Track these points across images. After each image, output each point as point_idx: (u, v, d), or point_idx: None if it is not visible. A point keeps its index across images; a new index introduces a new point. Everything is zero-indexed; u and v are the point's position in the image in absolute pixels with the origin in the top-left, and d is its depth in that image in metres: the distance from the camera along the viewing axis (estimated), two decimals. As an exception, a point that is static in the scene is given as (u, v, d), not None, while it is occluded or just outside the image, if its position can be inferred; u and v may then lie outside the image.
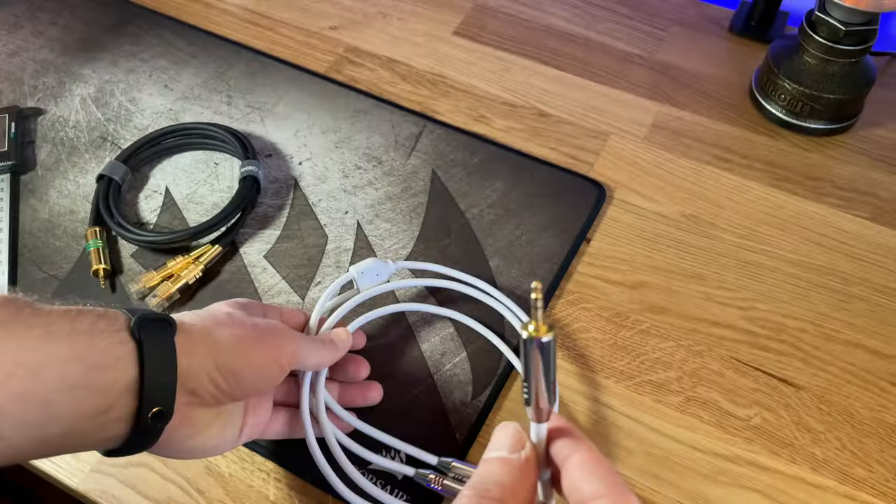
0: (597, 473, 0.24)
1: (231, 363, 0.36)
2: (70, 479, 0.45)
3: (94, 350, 0.31)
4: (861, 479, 0.45)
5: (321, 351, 0.42)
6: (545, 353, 0.23)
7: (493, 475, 0.24)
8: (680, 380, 0.49)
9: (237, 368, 0.36)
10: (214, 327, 0.37)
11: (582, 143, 0.63)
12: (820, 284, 0.54)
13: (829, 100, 0.60)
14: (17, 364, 0.29)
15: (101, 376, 0.31)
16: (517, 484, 0.24)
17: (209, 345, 0.36)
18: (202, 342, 0.35)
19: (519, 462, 0.25)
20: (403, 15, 0.74)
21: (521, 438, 0.25)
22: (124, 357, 0.32)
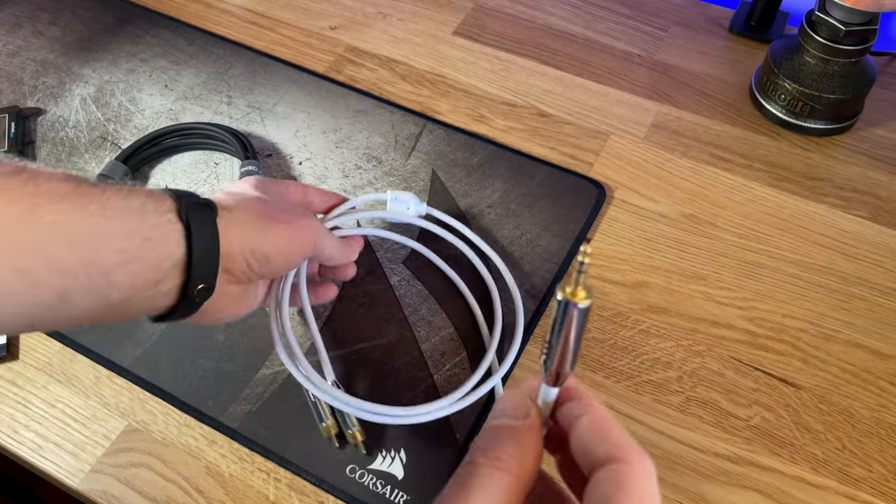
0: (609, 437, 0.23)
1: (264, 247, 0.39)
2: (70, 478, 0.45)
3: (146, 227, 0.33)
4: (861, 478, 0.45)
5: (337, 247, 0.46)
6: (579, 318, 0.22)
7: (502, 443, 0.24)
8: (680, 380, 0.49)
9: (269, 252, 0.39)
10: (250, 212, 0.40)
11: (582, 142, 0.63)
12: (820, 284, 0.54)
13: (829, 100, 0.60)
14: (82, 236, 0.31)
15: (153, 252, 0.34)
16: (527, 452, 0.24)
17: (246, 230, 0.39)
18: (240, 227, 0.38)
19: (526, 429, 0.24)
20: (403, 15, 0.74)
21: (527, 405, 0.25)
22: (173, 236, 0.35)
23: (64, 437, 0.47)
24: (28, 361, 0.50)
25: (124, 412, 0.48)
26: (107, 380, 0.49)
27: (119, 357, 0.50)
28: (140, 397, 0.48)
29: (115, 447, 0.46)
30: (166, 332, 0.51)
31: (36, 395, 0.48)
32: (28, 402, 0.48)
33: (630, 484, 0.21)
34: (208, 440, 0.46)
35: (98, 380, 0.49)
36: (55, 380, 0.49)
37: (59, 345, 0.50)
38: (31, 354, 0.50)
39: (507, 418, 0.24)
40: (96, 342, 0.50)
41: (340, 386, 0.45)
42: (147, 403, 0.48)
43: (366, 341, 0.50)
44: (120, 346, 0.50)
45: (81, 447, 0.46)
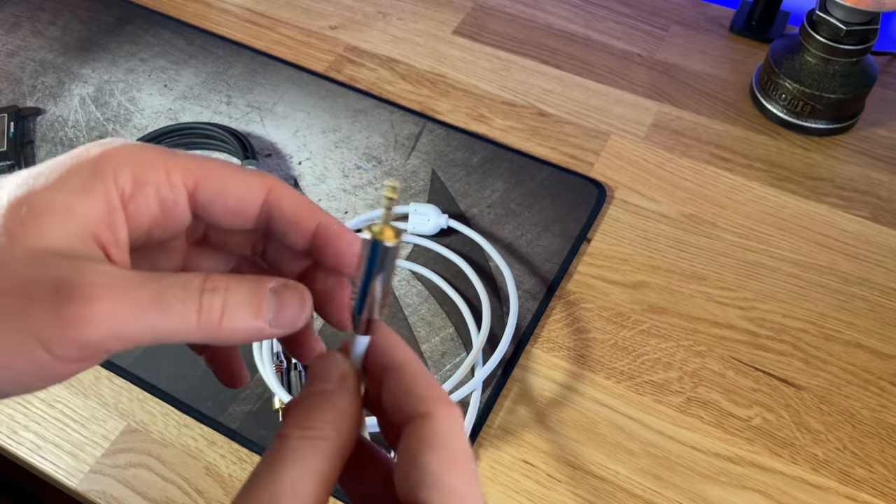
0: (414, 390, 0.21)
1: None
2: (69, 479, 0.45)
3: None
4: (862, 479, 0.45)
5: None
6: (388, 258, 0.22)
7: (314, 411, 0.22)
8: (680, 380, 0.49)
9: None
10: None
11: (582, 142, 0.62)
12: (820, 284, 0.53)
13: (829, 99, 0.60)
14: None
15: None
16: (342, 417, 0.22)
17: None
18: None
19: (340, 392, 0.22)
20: (403, 14, 0.74)
21: (342, 367, 0.23)
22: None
23: (63, 437, 0.47)
24: (27, 362, 0.50)
25: (123, 412, 0.48)
26: (106, 380, 0.49)
27: (118, 357, 0.50)
28: (139, 397, 0.48)
29: (114, 447, 0.46)
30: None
31: (35, 395, 0.48)
32: (27, 403, 0.48)
33: (433, 438, 0.20)
34: (208, 440, 0.46)
35: (97, 380, 0.49)
36: (54, 380, 0.49)
37: (59, 345, 0.50)
38: (30, 355, 0.50)
39: (321, 382, 0.22)
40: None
41: None
42: (146, 404, 0.48)
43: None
44: (119, 346, 0.50)
45: (80, 447, 0.46)
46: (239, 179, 0.24)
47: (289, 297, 0.23)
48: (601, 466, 0.45)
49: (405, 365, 0.22)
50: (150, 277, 0.21)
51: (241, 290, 0.22)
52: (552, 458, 0.45)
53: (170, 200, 0.23)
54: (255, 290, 0.23)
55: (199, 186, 0.24)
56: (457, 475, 0.19)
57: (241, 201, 0.24)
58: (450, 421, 0.21)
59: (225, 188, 0.24)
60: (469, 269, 0.53)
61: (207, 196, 0.24)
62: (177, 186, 0.23)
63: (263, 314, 0.22)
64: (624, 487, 0.44)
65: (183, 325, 0.21)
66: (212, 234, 0.27)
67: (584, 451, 0.46)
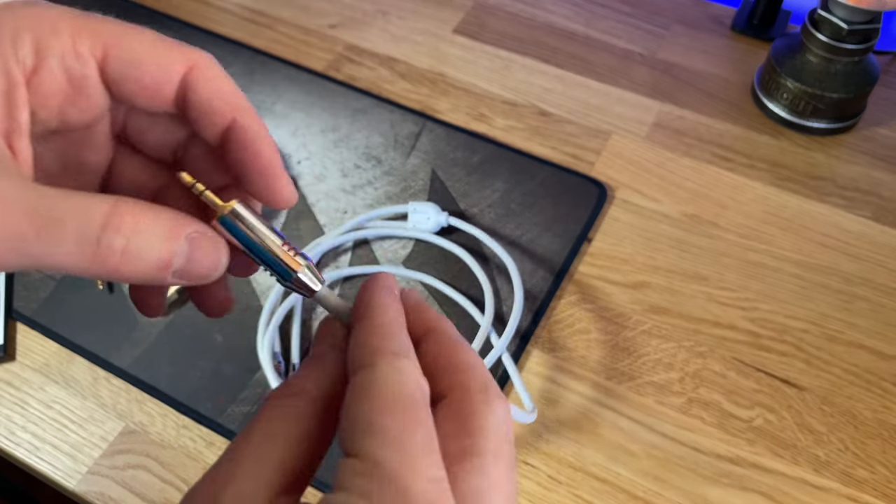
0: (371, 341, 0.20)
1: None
2: (67, 480, 0.45)
3: None
4: (864, 480, 0.44)
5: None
6: (243, 222, 0.21)
7: (293, 379, 0.21)
8: (682, 381, 0.48)
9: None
10: None
11: (583, 142, 0.62)
12: (822, 285, 0.53)
13: (831, 99, 0.60)
14: None
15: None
16: (322, 370, 0.21)
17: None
18: None
19: (324, 348, 0.22)
20: (403, 13, 0.74)
21: (331, 329, 0.22)
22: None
23: (61, 438, 0.46)
24: (25, 362, 0.50)
25: (122, 413, 0.47)
26: (104, 381, 0.49)
27: (117, 358, 0.49)
28: (138, 398, 0.48)
29: (112, 449, 0.46)
30: (165, 334, 0.51)
31: (33, 395, 0.48)
32: (25, 403, 0.48)
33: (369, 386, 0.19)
34: (207, 442, 0.46)
35: (96, 381, 0.49)
36: (52, 381, 0.49)
37: (57, 346, 0.50)
38: (28, 355, 0.50)
39: (314, 349, 0.22)
40: (94, 343, 0.50)
41: None
42: (145, 405, 0.48)
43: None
44: (118, 346, 0.50)
45: (79, 448, 0.46)
46: (156, 51, 0.21)
47: (203, 250, 0.20)
48: (602, 468, 0.45)
49: (370, 315, 0.21)
50: (45, 198, 0.18)
51: (151, 233, 0.19)
52: (553, 459, 0.45)
53: (78, 72, 0.20)
54: (168, 235, 0.19)
55: (109, 56, 0.20)
56: (392, 418, 0.18)
57: (156, 77, 0.21)
58: (391, 369, 0.19)
59: (139, 61, 0.20)
60: (472, 260, 0.52)
61: (119, 69, 0.20)
62: (84, 56, 0.20)
63: (170, 265, 0.20)
64: (625, 489, 0.44)
65: (70, 262, 0.18)
66: (132, 125, 0.23)
67: (584, 452, 0.45)
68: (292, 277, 0.22)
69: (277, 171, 0.22)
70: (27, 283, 0.53)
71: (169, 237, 0.19)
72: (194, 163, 0.23)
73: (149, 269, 0.19)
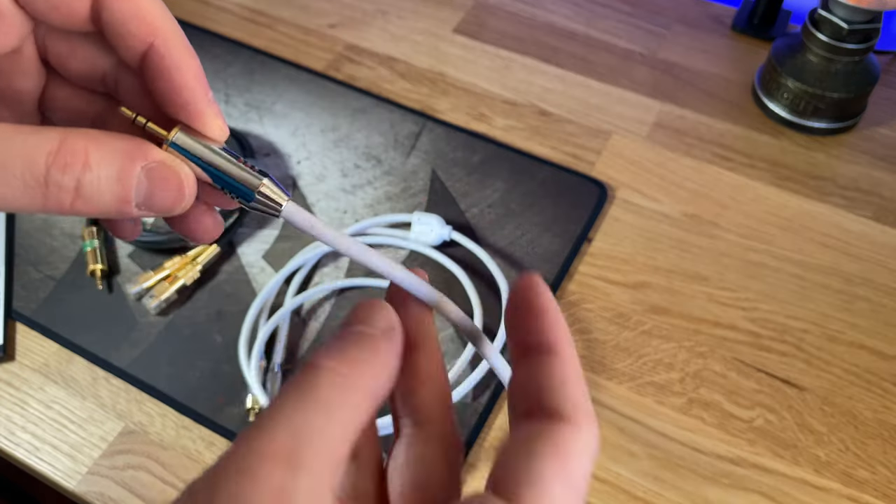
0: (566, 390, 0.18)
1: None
2: (67, 481, 0.45)
3: None
4: (864, 480, 0.44)
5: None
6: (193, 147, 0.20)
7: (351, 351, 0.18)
8: (682, 381, 0.48)
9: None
10: None
11: (583, 142, 0.62)
12: (823, 285, 0.53)
13: (832, 99, 0.60)
14: None
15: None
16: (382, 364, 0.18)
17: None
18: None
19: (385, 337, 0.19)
20: (403, 13, 0.74)
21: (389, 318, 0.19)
22: None
23: (61, 438, 0.46)
24: (24, 362, 0.49)
25: (121, 414, 0.47)
26: (104, 381, 0.49)
27: (116, 358, 0.49)
28: (137, 399, 0.48)
29: (112, 449, 0.46)
30: (164, 334, 0.51)
31: (32, 396, 0.48)
32: (24, 404, 0.48)
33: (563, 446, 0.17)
34: (206, 442, 0.46)
35: (95, 381, 0.49)
36: (52, 381, 0.49)
37: (56, 346, 0.50)
38: (27, 355, 0.50)
39: (362, 325, 0.19)
40: (93, 343, 0.50)
41: None
42: (144, 405, 0.48)
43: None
44: (117, 346, 0.50)
45: (78, 449, 0.46)
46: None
47: (163, 182, 0.19)
48: (602, 468, 0.45)
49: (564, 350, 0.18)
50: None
51: (102, 169, 0.18)
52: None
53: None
54: (122, 168, 0.18)
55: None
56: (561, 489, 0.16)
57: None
58: (591, 437, 0.17)
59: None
60: (467, 280, 0.51)
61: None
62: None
63: (130, 198, 0.18)
64: (625, 489, 0.44)
65: (23, 204, 0.17)
66: (53, 50, 0.22)
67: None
68: (254, 195, 0.20)
69: (201, 105, 0.20)
70: (27, 283, 0.53)
71: (122, 171, 0.18)
72: (127, 92, 0.22)
73: (108, 205, 0.18)
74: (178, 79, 0.20)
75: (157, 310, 0.51)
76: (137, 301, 0.52)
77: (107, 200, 0.18)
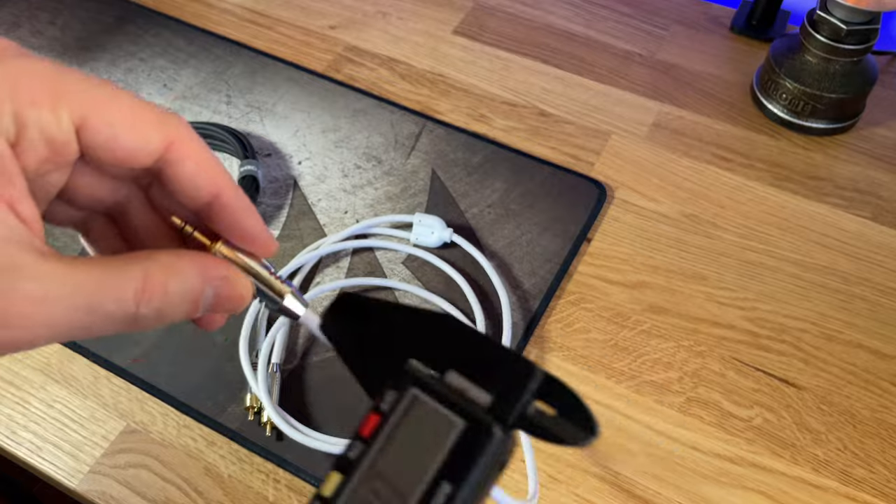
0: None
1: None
2: (68, 479, 0.45)
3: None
4: (863, 479, 0.45)
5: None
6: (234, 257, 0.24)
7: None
8: (681, 380, 0.49)
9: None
10: None
11: (582, 142, 0.62)
12: (821, 284, 0.53)
13: (830, 99, 0.60)
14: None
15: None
16: None
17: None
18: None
19: None
20: (403, 14, 0.74)
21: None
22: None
23: (62, 437, 0.46)
24: (26, 361, 0.50)
25: (123, 413, 0.47)
26: (105, 380, 0.49)
27: (118, 357, 0.50)
28: (139, 398, 0.48)
29: (113, 448, 0.46)
30: (166, 333, 0.51)
31: (34, 395, 0.48)
32: (26, 403, 0.48)
33: None
34: (207, 441, 0.46)
35: (96, 380, 0.49)
36: (53, 380, 0.49)
37: (57, 344, 0.50)
38: (28, 354, 0.50)
39: None
40: (95, 342, 0.50)
41: None
42: (146, 404, 0.48)
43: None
44: (119, 346, 0.50)
45: (80, 448, 0.46)
46: (133, 126, 0.21)
47: (228, 296, 0.22)
48: (602, 467, 0.45)
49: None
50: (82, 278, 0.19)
51: (179, 294, 0.21)
52: (552, 458, 0.45)
53: (59, 141, 0.20)
54: (194, 289, 0.21)
55: (86, 126, 0.20)
56: None
57: (131, 153, 0.21)
58: None
59: (115, 135, 0.20)
60: (465, 285, 0.52)
61: (95, 140, 0.20)
62: (65, 125, 0.20)
63: (198, 310, 0.22)
64: (624, 488, 0.44)
65: (108, 333, 0.20)
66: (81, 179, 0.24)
67: (584, 452, 0.46)
68: (280, 303, 0.24)
69: (264, 239, 0.24)
70: (28, 283, 0.54)
71: (195, 292, 0.21)
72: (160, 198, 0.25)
73: (179, 318, 0.22)
74: (244, 226, 0.23)
75: (158, 309, 0.51)
76: (139, 301, 0.52)
77: (179, 315, 0.21)
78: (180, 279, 0.21)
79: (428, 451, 0.18)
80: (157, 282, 0.20)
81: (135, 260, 0.21)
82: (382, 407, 0.19)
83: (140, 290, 0.20)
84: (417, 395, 0.19)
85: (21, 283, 0.18)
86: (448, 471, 0.17)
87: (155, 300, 0.20)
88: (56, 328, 0.19)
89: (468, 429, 0.18)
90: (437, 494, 0.17)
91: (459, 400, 0.19)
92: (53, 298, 0.19)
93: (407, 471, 0.18)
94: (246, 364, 0.47)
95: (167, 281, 0.21)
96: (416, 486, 0.17)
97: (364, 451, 0.19)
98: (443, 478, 0.17)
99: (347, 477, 0.18)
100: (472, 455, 0.17)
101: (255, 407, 0.46)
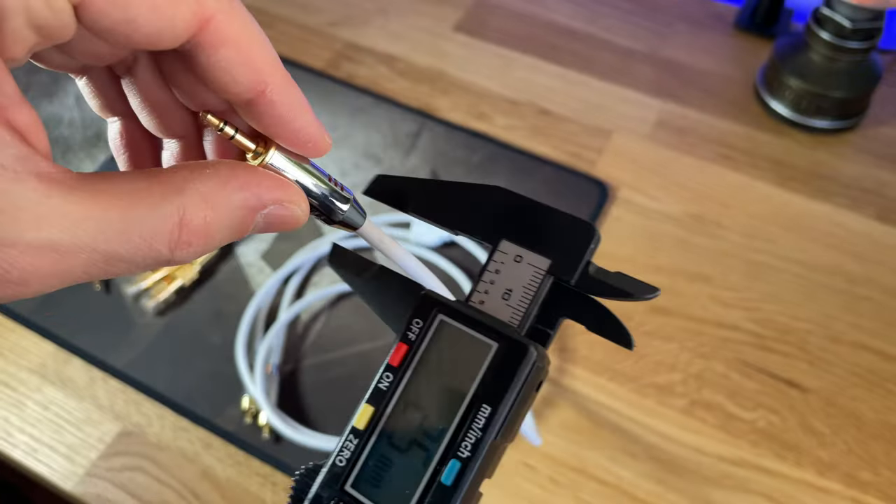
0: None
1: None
2: (64, 482, 0.44)
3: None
4: (867, 482, 0.44)
5: None
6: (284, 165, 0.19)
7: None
8: (685, 382, 0.48)
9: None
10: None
11: (584, 141, 0.62)
12: (826, 285, 0.53)
13: (834, 98, 0.59)
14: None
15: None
16: None
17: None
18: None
19: None
20: (403, 11, 0.73)
21: None
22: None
23: (58, 439, 0.46)
24: (22, 363, 0.49)
25: (119, 415, 0.47)
26: (101, 382, 0.48)
27: (114, 359, 0.49)
28: (135, 400, 0.47)
29: (109, 450, 0.45)
30: (162, 335, 0.50)
31: (30, 397, 0.48)
32: (21, 405, 0.47)
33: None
34: (204, 443, 0.46)
35: (92, 382, 0.48)
36: (49, 382, 0.48)
37: (54, 346, 0.50)
38: (24, 356, 0.49)
39: None
40: (91, 344, 0.50)
41: None
42: (142, 406, 0.47)
43: (365, 342, 0.50)
44: (115, 347, 0.49)
45: (76, 450, 0.45)
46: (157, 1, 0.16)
47: (282, 221, 0.19)
48: (604, 470, 0.45)
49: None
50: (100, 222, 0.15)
51: (224, 226, 0.17)
52: (554, 461, 0.45)
53: (52, 27, 0.15)
54: (243, 222, 0.18)
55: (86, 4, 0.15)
56: None
57: (147, 36, 0.16)
58: None
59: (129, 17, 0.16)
60: (469, 287, 0.51)
61: (100, 23, 0.16)
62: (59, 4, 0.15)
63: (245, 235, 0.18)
64: (627, 491, 0.44)
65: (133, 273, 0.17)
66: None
67: (586, 454, 0.45)
68: (344, 214, 0.20)
69: (318, 138, 0.19)
70: (24, 283, 0.53)
71: (243, 224, 0.18)
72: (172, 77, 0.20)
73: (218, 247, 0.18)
74: (294, 122, 0.19)
75: (155, 310, 0.51)
76: (135, 302, 0.52)
77: (217, 247, 0.18)
78: (226, 214, 0.17)
79: (462, 376, 0.18)
80: (198, 224, 0.17)
81: (169, 191, 0.16)
82: (409, 336, 0.19)
83: (176, 237, 0.16)
84: (444, 321, 0.19)
85: (19, 231, 0.14)
86: (485, 393, 0.17)
87: (194, 244, 0.17)
88: (67, 278, 0.16)
89: (502, 350, 0.17)
90: (478, 418, 0.17)
91: (488, 321, 0.18)
92: (63, 250, 0.15)
93: (443, 396, 0.18)
94: (243, 366, 0.47)
95: (210, 221, 0.17)
96: (454, 411, 0.17)
97: (395, 381, 0.18)
98: (481, 400, 0.17)
99: (379, 408, 0.18)
100: (510, 375, 0.17)
101: (253, 409, 0.46)
